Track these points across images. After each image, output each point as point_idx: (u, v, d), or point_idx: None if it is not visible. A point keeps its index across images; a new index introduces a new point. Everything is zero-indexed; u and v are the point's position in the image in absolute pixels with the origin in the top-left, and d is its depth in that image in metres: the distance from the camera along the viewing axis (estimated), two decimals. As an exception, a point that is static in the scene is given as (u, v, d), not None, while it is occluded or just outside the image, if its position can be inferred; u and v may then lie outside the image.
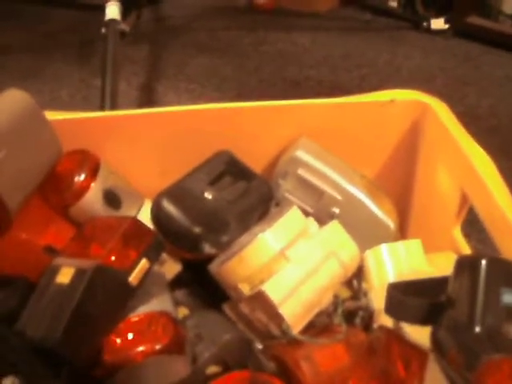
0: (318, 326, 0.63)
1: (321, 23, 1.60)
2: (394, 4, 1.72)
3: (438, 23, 1.63)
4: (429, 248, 0.68)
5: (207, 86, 1.29)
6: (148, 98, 1.26)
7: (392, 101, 0.75)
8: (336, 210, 0.71)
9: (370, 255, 0.67)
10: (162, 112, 0.73)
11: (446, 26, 1.62)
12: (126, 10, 1.23)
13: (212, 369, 0.63)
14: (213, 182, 0.66)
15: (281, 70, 1.32)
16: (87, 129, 0.73)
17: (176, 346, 0.59)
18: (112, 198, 0.69)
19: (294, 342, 0.60)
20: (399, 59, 1.46)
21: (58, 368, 0.56)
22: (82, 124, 0.73)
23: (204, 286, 0.70)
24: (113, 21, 1.16)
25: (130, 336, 0.58)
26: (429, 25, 1.61)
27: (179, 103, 1.24)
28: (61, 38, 1.66)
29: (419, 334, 0.57)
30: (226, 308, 0.65)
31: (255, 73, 1.32)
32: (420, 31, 1.61)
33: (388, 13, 1.70)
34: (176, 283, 0.69)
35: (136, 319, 0.60)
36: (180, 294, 0.70)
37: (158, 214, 0.65)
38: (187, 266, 0.70)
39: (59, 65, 1.49)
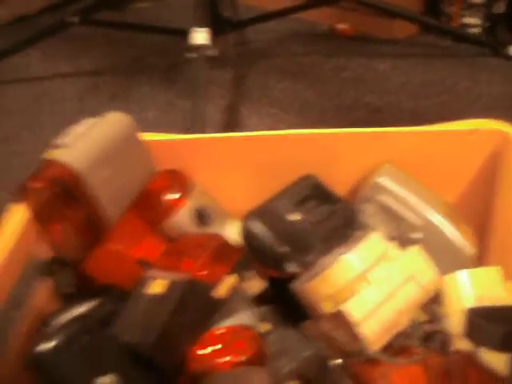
0: (396, 347, 0.65)
1: (401, 49, 1.61)
2: (475, 30, 1.71)
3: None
4: (508, 276, 0.68)
5: (289, 111, 1.32)
6: (233, 121, 1.30)
7: (474, 131, 0.77)
8: (417, 235, 0.72)
9: (449, 280, 0.68)
10: (249, 136, 0.78)
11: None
12: (212, 36, 1.28)
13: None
14: (298, 205, 0.69)
15: (361, 95, 1.34)
16: (179, 150, 0.78)
17: (258, 359, 0.62)
18: (202, 216, 0.73)
19: (372, 361, 0.62)
20: (480, 86, 1.46)
21: (149, 370, 0.60)
22: (175, 145, 0.78)
23: (286, 303, 0.73)
24: (201, 46, 1.21)
25: (215, 347, 0.61)
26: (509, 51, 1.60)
27: (262, 126, 1.27)
28: (148, 62, 1.73)
29: (497, 360, 0.58)
30: (307, 325, 0.68)
31: (336, 98, 1.34)
32: (501, 57, 1.60)
33: (468, 39, 1.70)
34: (260, 299, 0.72)
35: (221, 331, 0.63)
36: (263, 309, 0.73)
37: (246, 233, 0.69)
38: (271, 283, 0.73)
39: (146, 87, 1.56)
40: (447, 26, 1.73)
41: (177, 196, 0.72)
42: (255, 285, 0.72)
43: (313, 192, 0.71)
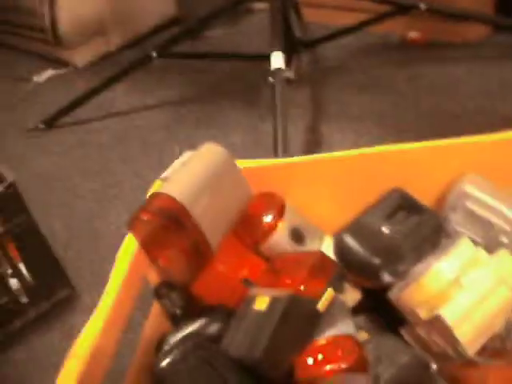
0: (491, 350, 0.67)
1: (474, 52, 1.61)
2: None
3: None
4: None
5: (368, 124, 1.34)
6: (315, 139, 1.34)
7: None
8: (505, 240, 0.74)
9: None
10: (334, 157, 0.81)
11: None
12: (287, 58, 1.31)
13: (392, 389, 0.69)
14: (389, 217, 0.73)
15: (439, 102, 1.35)
16: (271, 173, 0.83)
17: (360, 366, 0.65)
18: (297, 235, 0.77)
19: (469, 364, 0.64)
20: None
21: (258, 382, 0.65)
22: (267, 170, 0.83)
23: (381, 312, 0.76)
24: (278, 69, 1.25)
25: (320, 356, 0.65)
26: None
27: (345, 142, 1.30)
28: (226, 88, 1.79)
29: None
30: (404, 331, 0.71)
31: (413, 108, 1.36)
32: None
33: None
34: (356, 309, 0.75)
35: (324, 342, 0.67)
36: (360, 319, 0.76)
37: (341, 247, 0.73)
38: (366, 293, 0.77)
39: (228, 113, 1.61)
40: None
41: (274, 218, 0.76)
42: (351, 296, 0.76)
43: (401, 204, 0.74)
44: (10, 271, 1.05)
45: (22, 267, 1.07)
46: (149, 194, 0.74)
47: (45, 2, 2.29)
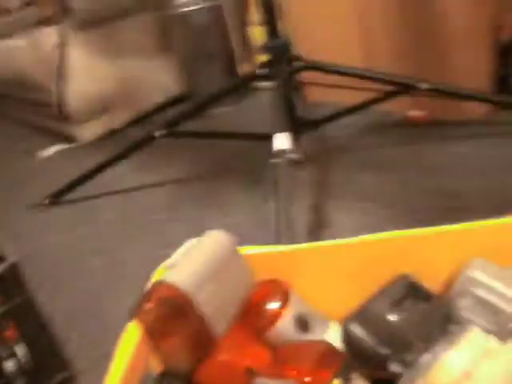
0: None
1: (476, 130, 1.62)
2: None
3: None
4: None
5: (375, 203, 1.34)
6: (320, 219, 1.33)
7: None
8: (516, 327, 0.72)
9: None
10: (340, 244, 0.81)
11: None
12: (291, 138, 1.32)
13: None
14: (396, 305, 0.71)
15: (442, 182, 1.35)
16: (275, 260, 0.82)
17: None
18: (302, 323, 0.76)
19: None
20: None
21: None
22: (271, 256, 0.82)
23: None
24: (282, 151, 1.26)
25: None
26: None
27: (351, 222, 1.29)
28: (229, 166, 1.81)
29: None
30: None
31: (418, 186, 1.36)
32: None
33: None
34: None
35: None
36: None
37: (347, 337, 0.71)
38: (374, 383, 0.75)
39: (231, 191, 1.62)
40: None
41: (279, 305, 0.75)
42: (359, 386, 0.74)
43: (408, 292, 0.73)
44: (5, 353, 1.03)
45: (19, 349, 1.05)
46: (152, 280, 0.74)
47: (53, 79, 2.35)
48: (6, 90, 2.93)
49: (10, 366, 1.03)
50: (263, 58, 1.55)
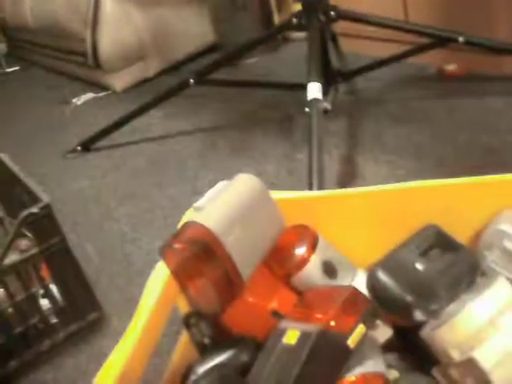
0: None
1: (512, 85, 1.59)
2: None
3: None
4: None
5: (404, 156, 1.33)
6: (349, 170, 1.33)
7: None
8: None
9: None
10: (369, 191, 0.81)
11: None
12: (324, 88, 1.31)
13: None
14: (423, 254, 0.71)
15: (476, 136, 1.34)
16: (305, 206, 0.83)
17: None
18: (329, 269, 0.76)
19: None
20: None
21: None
22: (301, 202, 0.83)
23: (413, 351, 0.74)
24: (315, 100, 1.25)
25: (348, 394, 0.64)
26: None
27: (379, 174, 1.29)
28: (261, 116, 1.80)
29: None
30: (436, 372, 0.69)
31: (450, 141, 1.34)
32: None
33: None
34: (387, 347, 0.74)
35: (353, 379, 0.66)
36: (391, 357, 0.75)
37: (373, 283, 0.72)
38: (397, 331, 0.75)
39: (262, 141, 1.62)
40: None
41: (306, 251, 0.76)
42: (382, 333, 0.75)
43: (436, 241, 0.73)
44: (41, 291, 1.06)
45: (54, 288, 1.08)
46: (182, 222, 0.75)
47: (87, 27, 2.34)
48: (40, 39, 2.94)
49: (44, 303, 1.07)
50: (298, 7, 1.53)
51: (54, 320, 1.08)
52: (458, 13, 1.67)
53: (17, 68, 3.31)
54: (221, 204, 0.74)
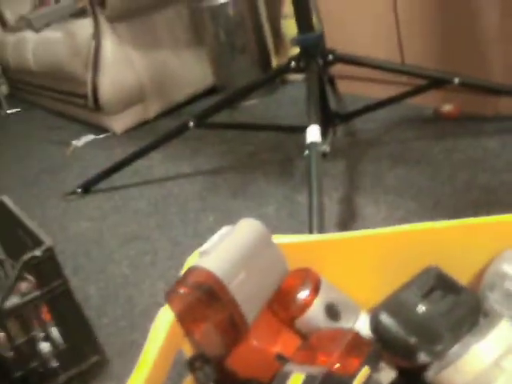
0: None
1: (508, 125, 1.61)
2: None
3: None
4: None
5: (404, 197, 1.34)
6: (349, 211, 1.34)
7: None
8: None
9: None
10: (370, 234, 0.82)
11: None
12: (323, 130, 1.33)
13: None
14: (424, 296, 0.72)
15: (474, 176, 1.35)
16: (307, 249, 0.84)
17: None
18: (332, 311, 0.77)
19: None
20: None
21: None
22: (303, 245, 0.84)
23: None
24: (314, 143, 1.26)
25: None
26: None
27: (379, 214, 1.30)
28: (262, 158, 1.81)
29: None
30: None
31: (449, 181, 1.36)
32: None
33: None
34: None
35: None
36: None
37: (376, 325, 0.72)
38: (401, 373, 0.75)
39: (263, 183, 1.63)
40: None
41: (309, 294, 0.77)
42: (386, 375, 0.75)
43: (437, 283, 0.74)
44: (41, 335, 1.06)
45: (54, 331, 1.07)
46: (186, 266, 0.75)
47: (87, 70, 2.38)
48: (42, 81, 2.98)
49: (45, 347, 1.06)
50: (296, 50, 1.56)
51: (54, 363, 1.08)
52: (453, 54, 1.70)
53: (18, 110, 3.35)
54: (225, 248, 0.75)
